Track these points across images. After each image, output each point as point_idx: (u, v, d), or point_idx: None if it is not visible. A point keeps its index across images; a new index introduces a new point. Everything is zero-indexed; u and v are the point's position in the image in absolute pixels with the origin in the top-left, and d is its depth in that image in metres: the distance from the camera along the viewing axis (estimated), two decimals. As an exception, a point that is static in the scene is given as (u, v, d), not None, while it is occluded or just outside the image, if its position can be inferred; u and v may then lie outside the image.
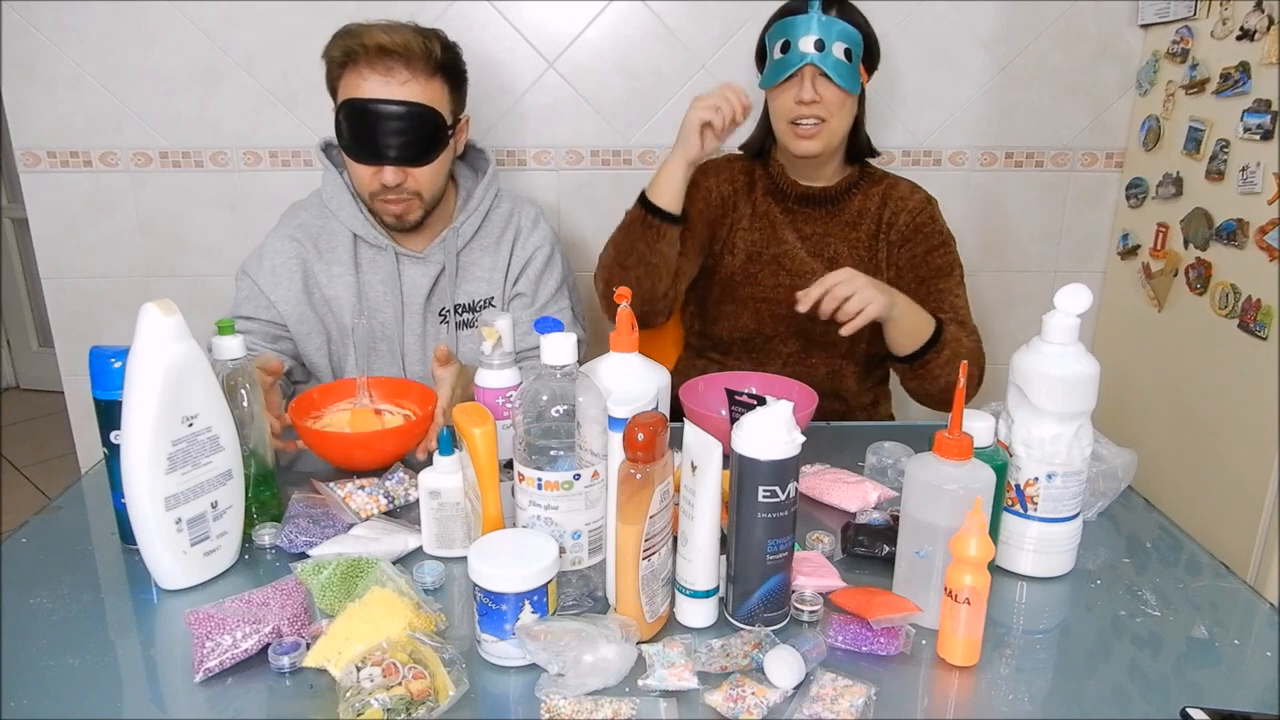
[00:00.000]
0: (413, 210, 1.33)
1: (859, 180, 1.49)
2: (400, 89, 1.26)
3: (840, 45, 1.33)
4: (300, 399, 1.15)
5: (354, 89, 1.26)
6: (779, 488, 0.77)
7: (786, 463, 0.76)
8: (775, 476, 0.76)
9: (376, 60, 1.25)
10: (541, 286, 1.46)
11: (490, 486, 0.85)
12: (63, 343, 1.97)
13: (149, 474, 0.82)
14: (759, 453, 0.76)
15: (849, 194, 1.49)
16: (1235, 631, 0.83)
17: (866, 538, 0.93)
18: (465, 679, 0.72)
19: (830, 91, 1.36)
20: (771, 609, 0.81)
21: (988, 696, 0.73)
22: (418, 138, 1.28)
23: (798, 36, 1.34)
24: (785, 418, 0.76)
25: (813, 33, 1.33)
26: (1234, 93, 1.61)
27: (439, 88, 1.30)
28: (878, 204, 1.48)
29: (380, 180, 1.29)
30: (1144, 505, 1.08)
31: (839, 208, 1.49)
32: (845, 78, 1.34)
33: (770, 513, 0.77)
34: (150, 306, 0.82)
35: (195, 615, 0.77)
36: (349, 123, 1.28)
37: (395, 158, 1.27)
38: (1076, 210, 2.03)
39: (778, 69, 1.37)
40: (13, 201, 3.45)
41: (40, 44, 1.77)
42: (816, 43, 1.33)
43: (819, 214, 1.49)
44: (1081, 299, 0.85)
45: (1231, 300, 1.62)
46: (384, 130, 1.26)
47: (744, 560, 0.79)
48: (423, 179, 1.31)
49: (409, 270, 1.40)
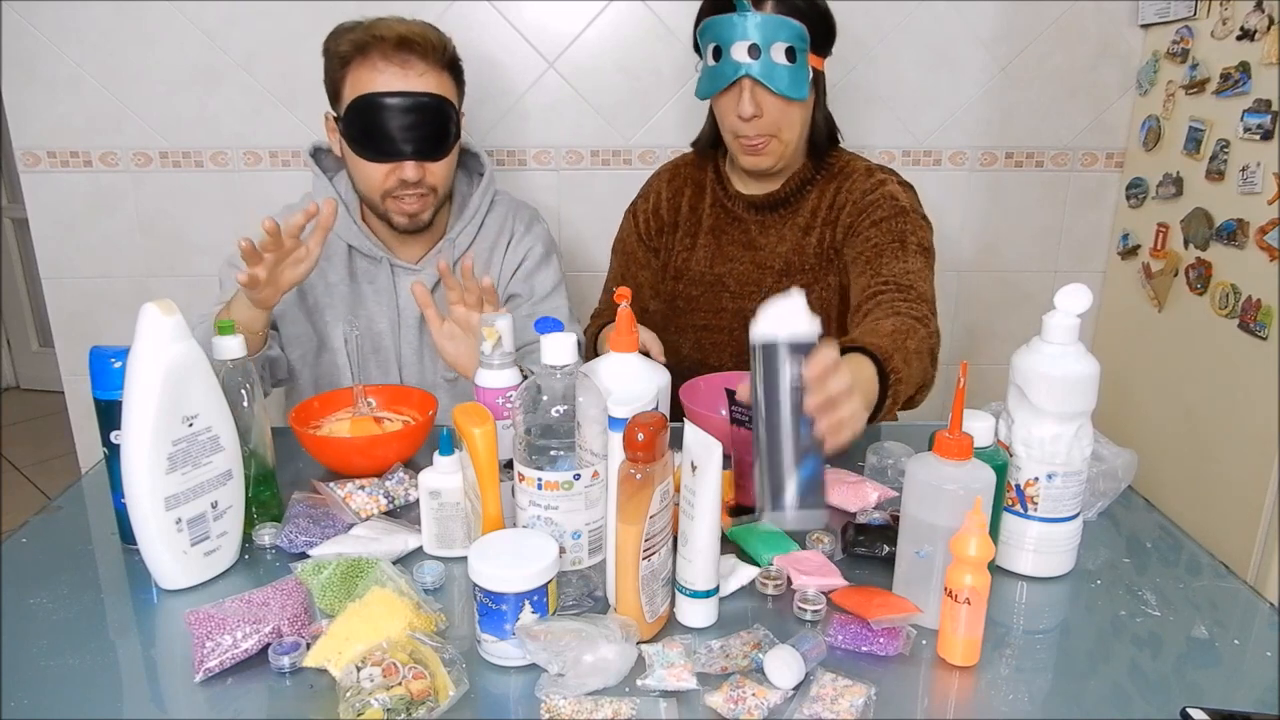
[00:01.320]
0: (427, 207, 1.31)
1: (813, 177, 1.33)
2: (418, 80, 1.23)
3: (780, 46, 1.17)
4: (300, 408, 1.15)
5: (367, 83, 1.23)
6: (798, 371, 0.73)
7: (806, 345, 0.74)
8: (799, 356, 0.74)
9: (393, 52, 1.22)
10: (536, 285, 1.44)
11: (490, 486, 0.85)
12: (63, 343, 1.97)
13: (149, 474, 0.82)
14: (781, 333, 0.74)
15: (802, 194, 1.34)
16: (1235, 631, 0.83)
17: (866, 538, 0.93)
18: (465, 679, 0.72)
19: (772, 103, 1.21)
20: (810, 495, 0.74)
21: (988, 696, 0.73)
22: (435, 131, 1.26)
23: (729, 42, 1.17)
24: (800, 304, 0.74)
25: (746, 37, 1.16)
26: (1234, 93, 1.61)
27: (449, 80, 1.29)
28: (829, 202, 1.33)
29: (399, 176, 1.26)
30: (1144, 505, 1.08)
31: (792, 211, 1.34)
32: (789, 85, 1.19)
33: (799, 393, 0.73)
34: (150, 306, 0.82)
35: (195, 615, 0.77)
36: (362, 119, 1.24)
37: (414, 152, 1.25)
38: (1076, 210, 2.03)
39: (711, 79, 1.22)
40: (13, 201, 3.45)
41: (40, 44, 1.77)
42: (751, 48, 1.16)
43: (772, 220, 1.36)
44: (1081, 299, 0.85)
45: (1231, 300, 1.62)
46: (403, 124, 1.23)
47: (775, 447, 0.74)
48: (439, 174, 1.29)
49: (404, 282, 1.37)
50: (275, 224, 1.09)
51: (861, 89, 1.86)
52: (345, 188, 1.38)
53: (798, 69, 1.19)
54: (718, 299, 1.40)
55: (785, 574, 0.87)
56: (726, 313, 1.40)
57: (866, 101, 1.91)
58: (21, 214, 3.08)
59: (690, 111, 1.89)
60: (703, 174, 1.43)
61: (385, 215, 1.32)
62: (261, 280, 1.12)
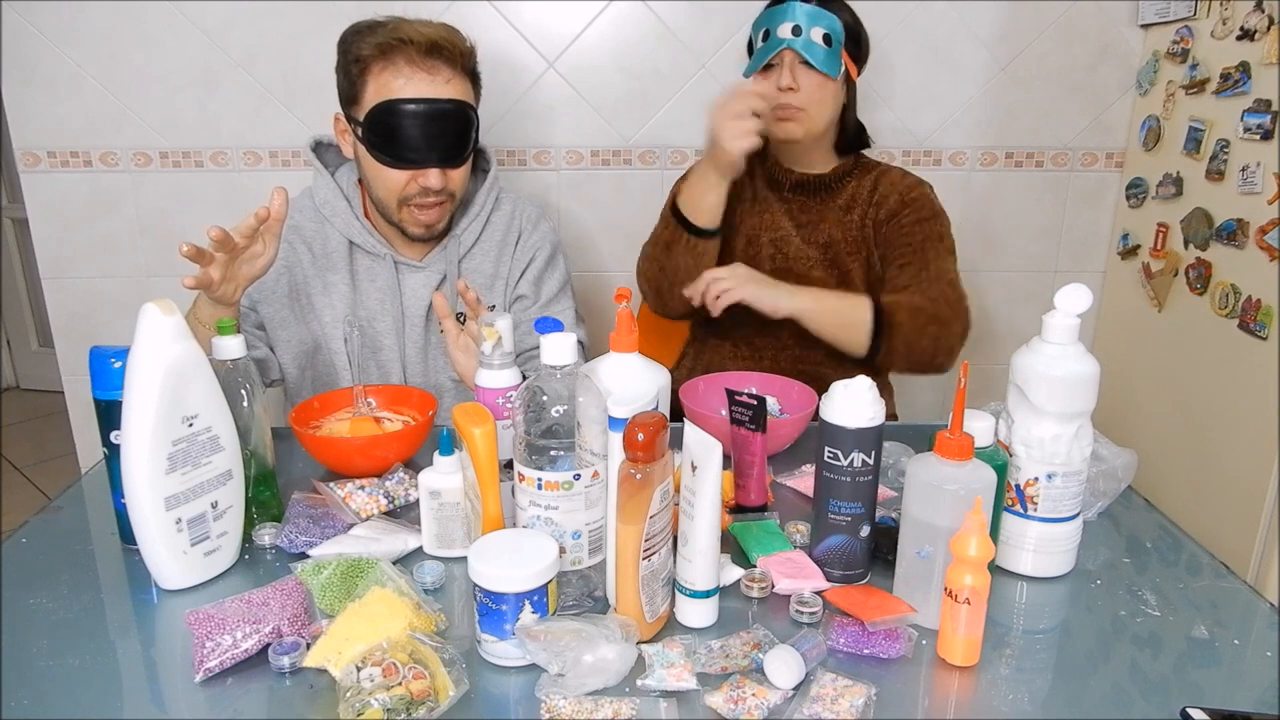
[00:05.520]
0: (444, 216, 1.30)
1: (853, 169, 1.50)
2: (445, 87, 1.22)
3: (819, 31, 1.35)
4: (300, 408, 1.14)
5: (394, 89, 1.20)
6: (840, 451, 0.84)
7: (844, 429, 0.83)
8: (834, 438, 0.84)
9: (421, 58, 1.20)
10: (544, 288, 1.44)
11: (490, 486, 0.85)
12: (63, 343, 1.97)
13: (149, 474, 0.82)
14: (828, 414, 0.85)
15: (842, 181, 1.49)
16: (1235, 631, 0.83)
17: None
18: (465, 679, 0.72)
19: (809, 77, 1.37)
20: (831, 564, 0.88)
21: (988, 696, 0.73)
22: (458, 138, 1.25)
23: (776, 24, 1.36)
24: (859, 390, 0.84)
25: (791, 19, 1.35)
26: (1234, 93, 1.61)
27: (471, 86, 1.28)
28: (869, 188, 1.48)
29: (421, 184, 1.24)
30: (1144, 505, 1.08)
31: (832, 194, 1.49)
32: (824, 61, 1.35)
33: (830, 473, 0.85)
34: (150, 306, 0.82)
35: (195, 615, 0.77)
36: (386, 124, 1.21)
37: (438, 160, 1.23)
38: (1076, 210, 2.03)
39: (758, 57, 1.40)
40: (13, 201, 3.45)
41: (40, 44, 1.77)
42: (794, 29, 1.35)
43: (813, 201, 1.49)
44: (1081, 299, 0.85)
45: (1231, 300, 1.62)
46: (429, 132, 1.21)
47: (818, 511, 0.88)
48: (458, 180, 1.29)
49: (408, 280, 1.36)
50: (222, 231, 1.04)
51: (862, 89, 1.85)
52: (347, 183, 1.37)
53: (832, 51, 1.37)
54: (772, 259, 1.48)
55: (770, 576, 0.87)
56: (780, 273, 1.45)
57: (867, 101, 1.91)
58: (21, 214, 3.08)
59: (690, 112, 1.90)
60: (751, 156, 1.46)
61: (399, 224, 1.30)
62: (216, 280, 1.08)
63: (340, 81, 1.27)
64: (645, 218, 1.55)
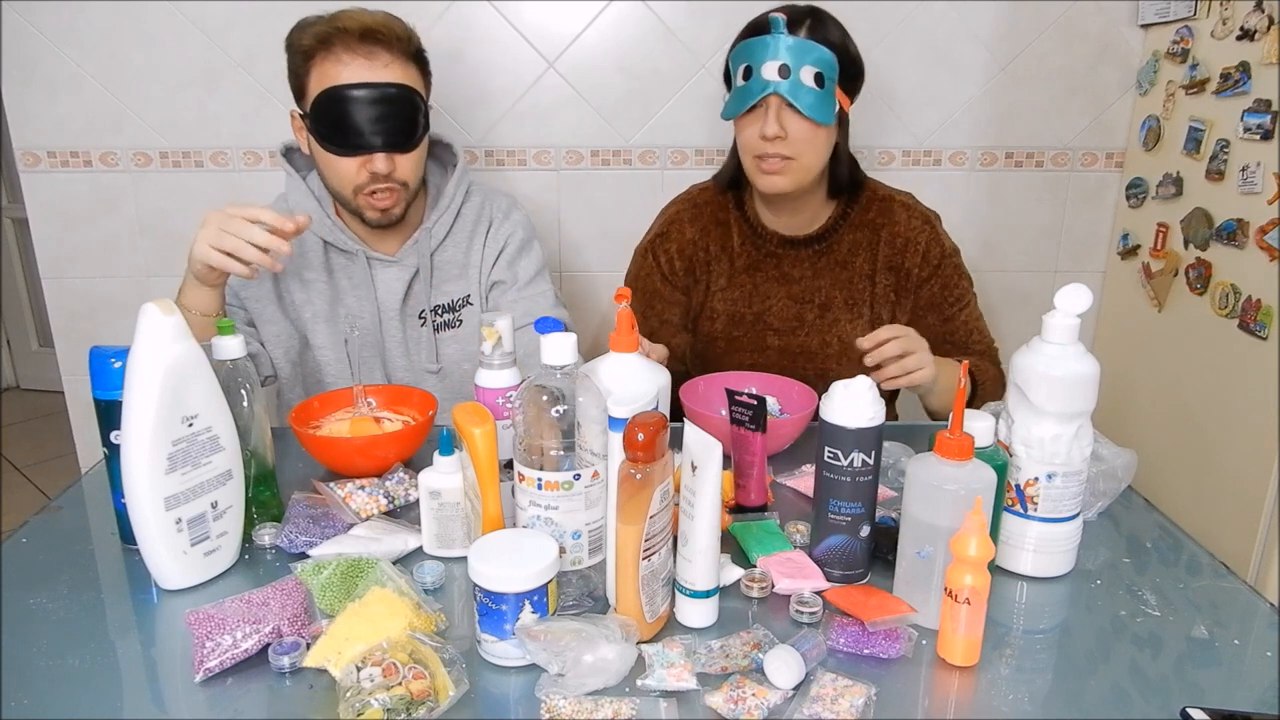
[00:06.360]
0: (398, 202, 1.30)
1: (845, 214, 1.36)
2: (384, 71, 1.22)
3: (810, 70, 1.19)
4: (300, 408, 1.15)
5: (332, 76, 1.22)
6: (840, 451, 0.84)
7: (844, 429, 0.83)
8: (834, 438, 0.84)
9: (357, 44, 1.21)
10: (519, 271, 1.43)
11: (490, 486, 0.85)
12: (63, 343, 1.97)
13: (149, 474, 0.82)
14: (828, 414, 0.85)
15: (836, 232, 1.37)
16: (1235, 631, 0.83)
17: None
18: (465, 679, 0.72)
19: (798, 125, 1.22)
20: (831, 564, 0.88)
21: (988, 696, 0.73)
22: (403, 123, 1.25)
23: (761, 61, 1.20)
24: (859, 390, 0.84)
25: (777, 57, 1.19)
26: (1234, 93, 1.61)
27: (415, 71, 1.28)
28: (869, 236, 1.36)
29: (369, 170, 1.25)
30: (1144, 505, 1.08)
31: (827, 247, 1.37)
32: (815, 108, 1.20)
33: (830, 473, 0.85)
34: (150, 306, 0.82)
35: (195, 615, 0.77)
36: (330, 113, 1.22)
37: (384, 144, 1.23)
38: (1076, 210, 2.03)
39: (739, 98, 1.24)
40: (13, 201, 3.45)
41: (40, 44, 1.77)
42: (781, 68, 1.19)
43: (805, 254, 1.37)
44: (1081, 299, 0.85)
45: (1231, 300, 1.62)
46: (370, 116, 1.22)
47: (818, 511, 0.88)
48: (407, 167, 1.28)
49: (382, 275, 1.37)
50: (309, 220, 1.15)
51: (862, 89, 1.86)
52: (318, 185, 1.38)
53: (824, 94, 1.21)
54: (761, 337, 1.40)
55: (770, 576, 0.87)
56: (772, 350, 1.40)
57: (866, 101, 1.90)
58: (21, 214, 3.08)
59: (690, 112, 1.90)
60: (725, 212, 1.41)
61: (358, 211, 1.31)
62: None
63: (289, 76, 1.29)
64: (645, 218, 1.55)
